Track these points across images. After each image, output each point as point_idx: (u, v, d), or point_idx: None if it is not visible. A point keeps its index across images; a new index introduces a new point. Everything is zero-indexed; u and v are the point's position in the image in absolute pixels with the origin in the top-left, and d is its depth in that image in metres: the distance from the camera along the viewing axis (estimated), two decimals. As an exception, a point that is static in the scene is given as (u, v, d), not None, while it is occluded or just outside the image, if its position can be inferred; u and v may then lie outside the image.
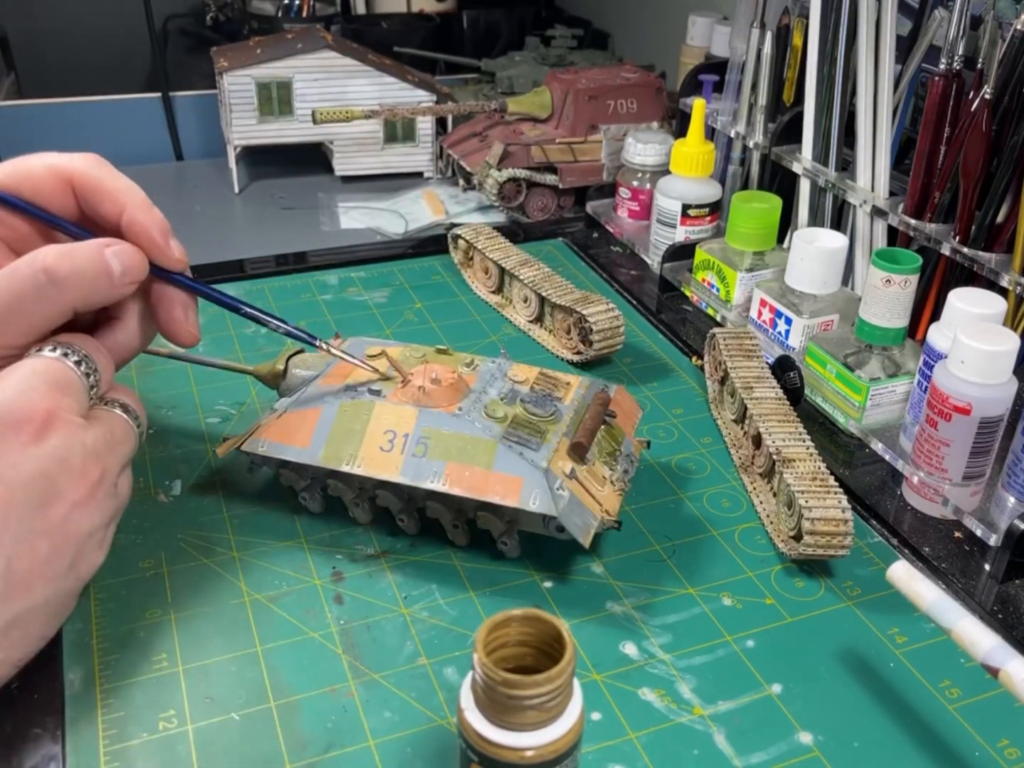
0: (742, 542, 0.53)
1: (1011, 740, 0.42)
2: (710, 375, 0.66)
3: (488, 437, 0.48)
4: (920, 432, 0.54)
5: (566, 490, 0.47)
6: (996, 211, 0.60)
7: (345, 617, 0.47)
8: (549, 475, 0.47)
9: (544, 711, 0.32)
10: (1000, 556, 0.51)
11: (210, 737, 0.41)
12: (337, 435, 0.50)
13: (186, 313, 0.48)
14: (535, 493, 0.47)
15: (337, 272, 0.80)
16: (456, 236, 0.79)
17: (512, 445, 0.48)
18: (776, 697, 0.44)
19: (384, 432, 0.49)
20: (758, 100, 0.81)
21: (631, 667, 0.45)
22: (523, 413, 0.51)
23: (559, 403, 0.52)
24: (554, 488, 0.47)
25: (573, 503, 0.47)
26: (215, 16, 1.39)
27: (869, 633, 0.47)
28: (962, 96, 0.62)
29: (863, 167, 0.69)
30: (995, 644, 0.38)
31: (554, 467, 0.48)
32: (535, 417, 0.50)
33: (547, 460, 0.48)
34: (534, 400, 0.52)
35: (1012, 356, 0.50)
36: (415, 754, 0.40)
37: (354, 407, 0.50)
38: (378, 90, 0.98)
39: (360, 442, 0.49)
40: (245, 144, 0.98)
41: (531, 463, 0.47)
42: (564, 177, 0.91)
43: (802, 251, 0.64)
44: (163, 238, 0.46)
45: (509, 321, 0.74)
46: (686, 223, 0.79)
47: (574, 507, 0.47)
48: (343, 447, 0.49)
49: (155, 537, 0.51)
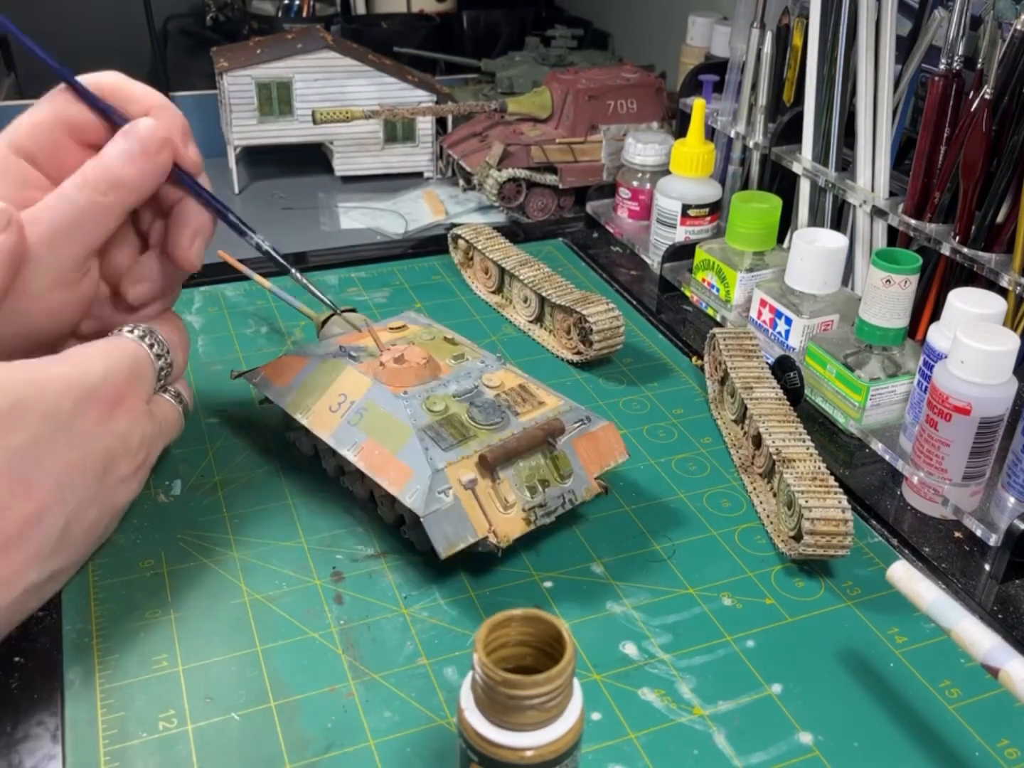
0: (742, 542, 0.53)
1: (1011, 740, 0.42)
2: (710, 375, 0.66)
3: (408, 424, 0.49)
4: (920, 432, 0.54)
5: (451, 497, 0.46)
6: (996, 211, 0.60)
7: (345, 617, 0.47)
8: (438, 476, 0.46)
9: (544, 711, 0.32)
10: (1000, 556, 0.51)
11: (210, 737, 0.41)
12: (307, 386, 0.53)
13: (192, 239, 0.50)
14: (416, 489, 0.46)
15: (337, 272, 0.80)
16: (456, 236, 0.79)
17: (425, 438, 0.48)
18: (776, 697, 0.44)
19: (339, 394, 0.52)
20: (758, 100, 0.81)
21: (631, 667, 0.45)
22: (460, 414, 0.50)
23: (514, 417, 0.51)
24: (437, 490, 0.46)
25: (453, 511, 0.46)
26: (215, 16, 1.39)
27: (869, 633, 0.47)
28: (962, 96, 0.62)
29: (863, 167, 0.69)
30: (995, 644, 0.38)
31: (451, 471, 0.47)
32: (473, 422, 0.50)
33: (447, 462, 0.47)
34: (484, 406, 0.51)
35: (1012, 356, 0.50)
36: (415, 754, 0.40)
37: (330, 365, 0.53)
38: (378, 90, 0.98)
39: (319, 398, 0.52)
40: (245, 144, 0.98)
41: (429, 460, 0.47)
42: (564, 177, 0.91)
43: (802, 251, 0.64)
44: (182, 136, 0.48)
45: (509, 321, 0.74)
46: (686, 223, 0.79)
47: (451, 515, 0.46)
48: (306, 398, 0.53)
49: (155, 537, 0.51)
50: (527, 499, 0.49)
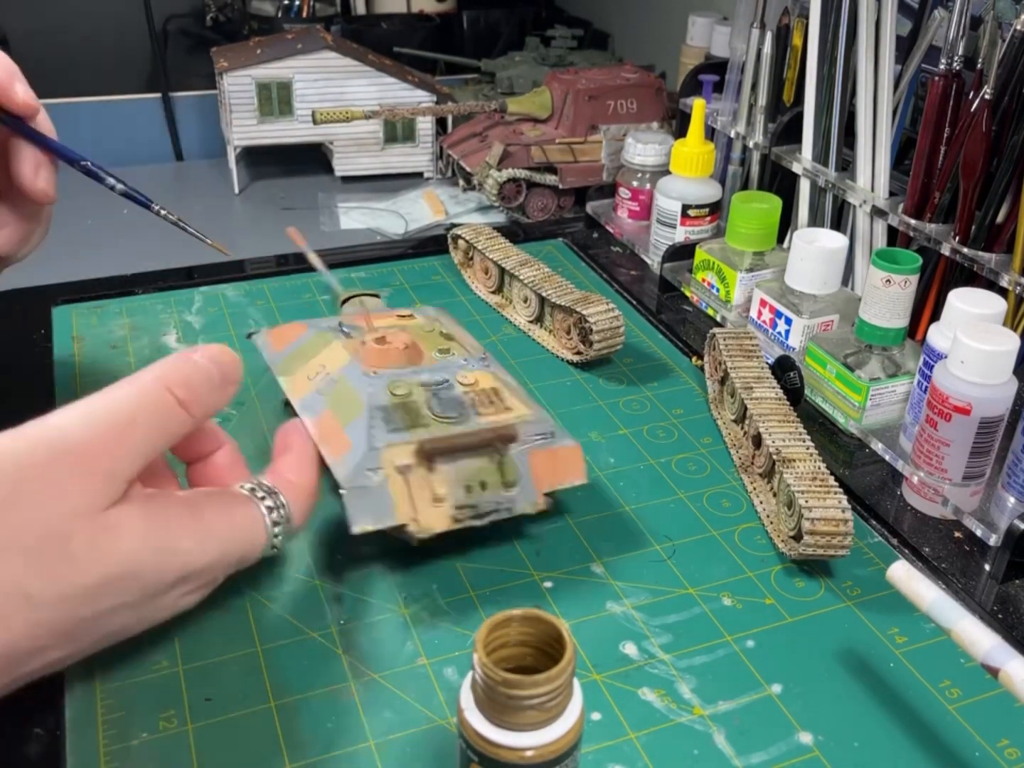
0: (742, 542, 0.53)
1: (1011, 740, 0.42)
2: (710, 375, 0.66)
3: (364, 401, 0.49)
4: (920, 432, 0.54)
5: (380, 477, 0.46)
6: (996, 211, 0.60)
7: (345, 617, 0.47)
8: (372, 454, 0.46)
9: (544, 711, 0.32)
10: (1000, 556, 0.51)
11: (210, 737, 0.41)
12: (297, 353, 0.55)
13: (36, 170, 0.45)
14: (349, 461, 0.46)
15: (337, 272, 0.80)
16: (456, 236, 0.79)
17: (375, 417, 0.48)
18: (776, 697, 0.44)
19: (320, 365, 0.53)
20: (758, 100, 0.81)
21: (631, 667, 0.45)
22: (420, 402, 0.50)
23: (474, 416, 0.50)
24: (366, 467, 0.46)
25: (378, 492, 0.46)
26: (215, 16, 1.39)
27: (869, 633, 0.47)
28: (962, 96, 0.62)
29: (863, 167, 0.69)
30: (995, 644, 0.38)
31: (387, 453, 0.47)
32: (430, 412, 0.49)
33: (386, 443, 0.47)
34: (446, 399, 0.50)
35: (1012, 356, 0.50)
36: (415, 754, 0.40)
37: (322, 337, 0.55)
38: (378, 90, 0.98)
39: (303, 366, 0.54)
40: (245, 144, 0.98)
41: (369, 437, 0.47)
42: (564, 177, 0.91)
43: (802, 251, 0.64)
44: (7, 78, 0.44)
45: (509, 321, 0.74)
46: (686, 223, 0.79)
47: (374, 495, 0.46)
48: (291, 364, 0.55)
49: (155, 537, 0.51)
50: (459, 497, 0.48)
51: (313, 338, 0.56)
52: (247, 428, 0.60)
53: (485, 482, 0.48)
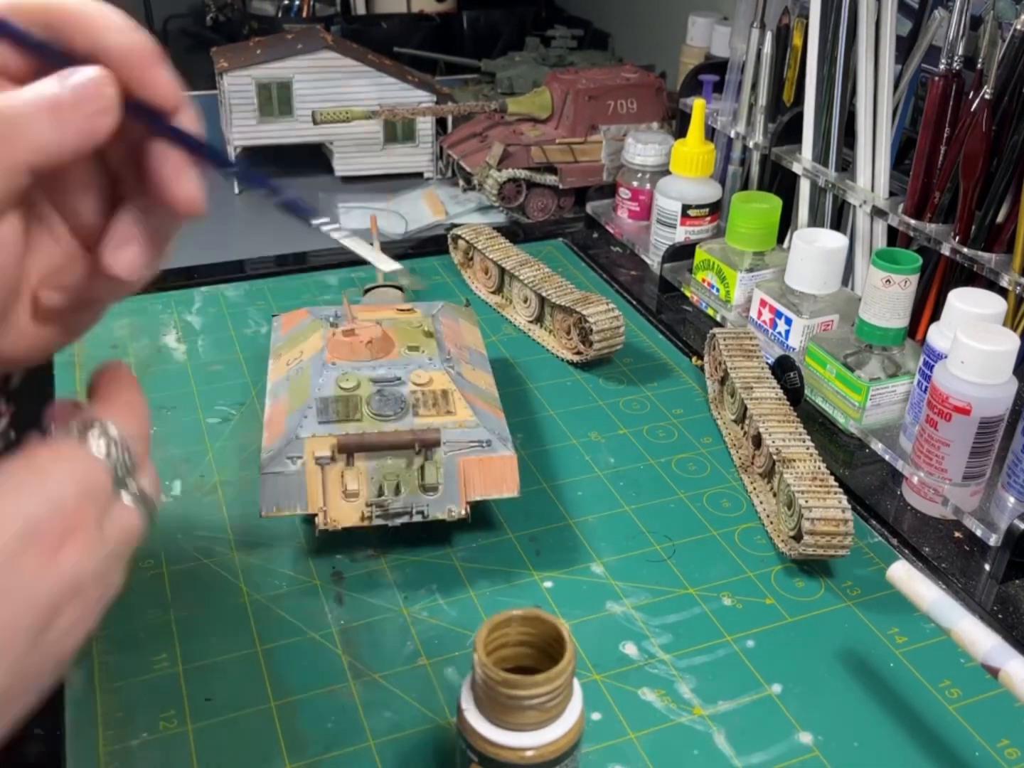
0: (742, 542, 0.53)
1: (1011, 740, 0.42)
2: (710, 375, 0.66)
3: (310, 391, 0.51)
4: (920, 432, 0.54)
5: (299, 466, 0.48)
6: (996, 211, 0.60)
7: (345, 617, 0.47)
8: (295, 443, 0.48)
9: (544, 711, 0.32)
10: (1000, 556, 0.51)
11: (210, 737, 0.41)
12: (291, 339, 0.57)
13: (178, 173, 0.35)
14: (276, 447, 0.49)
15: (337, 272, 0.80)
16: (456, 236, 0.79)
17: (312, 408, 0.50)
18: (776, 697, 0.44)
19: (299, 351, 0.55)
20: (758, 100, 0.81)
21: (631, 667, 0.45)
22: (363, 397, 0.51)
23: (412, 416, 0.50)
24: (287, 455, 0.48)
25: (292, 479, 0.48)
26: (215, 16, 1.39)
27: (869, 633, 0.47)
28: (962, 96, 0.62)
29: (863, 167, 0.69)
30: (995, 644, 0.38)
31: (310, 443, 0.48)
32: (368, 408, 0.50)
33: (311, 434, 0.48)
34: (388, 396, 0.51)
35: (1012, 356, 0.50)
36: (415, 754, 0.40)
37: (313, 325, 0.57)
38: (378, 91, 0.98)
39: (289, 350, 0.56)
40: (245, 144, 0.98)
41: (298, 427, 0.49)
42: (564, 177, 0.91)
43: (802, 251, 0.64)
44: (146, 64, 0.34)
45: (509, 321, 0.74)
46: (686, 223, 0.79)
47: (288, 482, 0.48)
48: (282, 348, 0.57)
49: (155, 537, 0.51)
50: (371, 495, 0.49)
51: (307, 325, 0.57)
52: (247, 428, 0.60)
53: (400, 483, 0.49)
